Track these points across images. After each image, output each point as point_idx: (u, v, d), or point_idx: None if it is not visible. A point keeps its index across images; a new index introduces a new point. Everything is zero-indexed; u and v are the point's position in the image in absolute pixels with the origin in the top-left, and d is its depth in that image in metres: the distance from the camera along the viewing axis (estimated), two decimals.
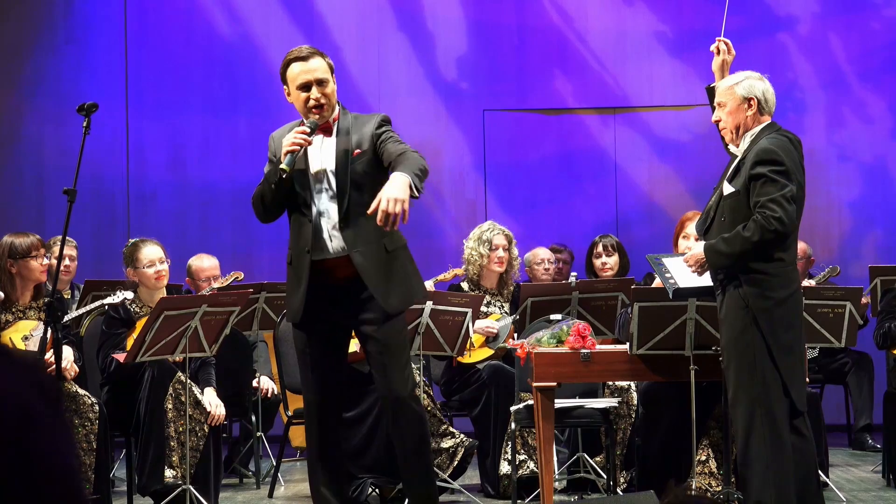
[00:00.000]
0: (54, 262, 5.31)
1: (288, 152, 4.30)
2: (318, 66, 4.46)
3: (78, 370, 5.50)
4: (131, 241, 6.04)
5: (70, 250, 7.07)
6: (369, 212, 4.06)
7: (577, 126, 9.55)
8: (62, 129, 9.32)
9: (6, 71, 9.52)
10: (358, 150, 4.42)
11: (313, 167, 4.45)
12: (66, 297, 6.86)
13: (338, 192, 4.40)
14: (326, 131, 4.48)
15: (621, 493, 5.81)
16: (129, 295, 5.72)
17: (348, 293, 4.44)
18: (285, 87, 4.54)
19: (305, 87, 4.44)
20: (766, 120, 4.42)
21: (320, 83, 4.44)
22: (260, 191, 4.49)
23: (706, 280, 4.60)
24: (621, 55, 9.57)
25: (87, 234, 8.98)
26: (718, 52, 4.87)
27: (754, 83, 4.42)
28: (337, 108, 4.52)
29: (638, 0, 9.57)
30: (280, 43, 9.59)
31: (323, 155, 4.46)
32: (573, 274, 6.37)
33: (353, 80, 9.38)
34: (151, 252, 5.82)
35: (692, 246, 4.75)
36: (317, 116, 4.42)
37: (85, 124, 4.81)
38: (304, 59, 4.48)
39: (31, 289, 5.56)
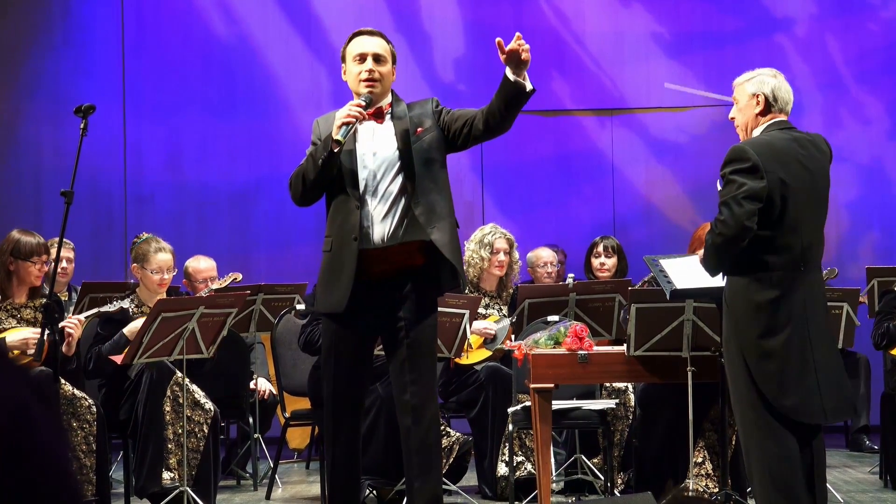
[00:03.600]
0: (52, 263, 5.32)
1: (343, 124, 4.19)
2: (378, 43, 4.40)
3: (82, 322, 5.46)
4: (146, 235, 6.02)
5: (67, 252, 7.06)
6: (506, 46, 4.09)
7: (575, 127, 9.56)
8: (59, 130, 9.32)
9: (3, 73, 9.51)
10: (420, 129, 4.35)
11: (361, 151, 4.34)
12: (63, 298, 6.85)
13: (406, 173, 4.30)
14: (378, 117, 4.39)
15: (619, 495, 5.81)
16: (126, 304, 5.73)
17: (382, 290, 4.32)
18: (343, 65, 4.44)
19: (361, 58, 4.36)
20: (776, 117, 4.29)
21: (377, 59, 4.36)
22: (302, 169, 4.34)
23: (703, 281, 4.58)
24: (618, 57, 9.57)
25: (84, 235, 8.97)
26: None
27: (765, 80, 4.34)
28: (390, 95, 4.44)
29: (635, 2, 9.57)
30: (277, 44, 9.60)
31: (377, 142, 4.35)
32: (570, 275, 6.36)
33: None
34: (162, 259, 5.84)
35: None
36: (368, 91, 4.32)
37: (82, 126, 4.81)
38: (366, 34, 4.43)
39: (27, 290, 5.56)
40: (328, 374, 4.42)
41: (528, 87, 4.18)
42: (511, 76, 4.18)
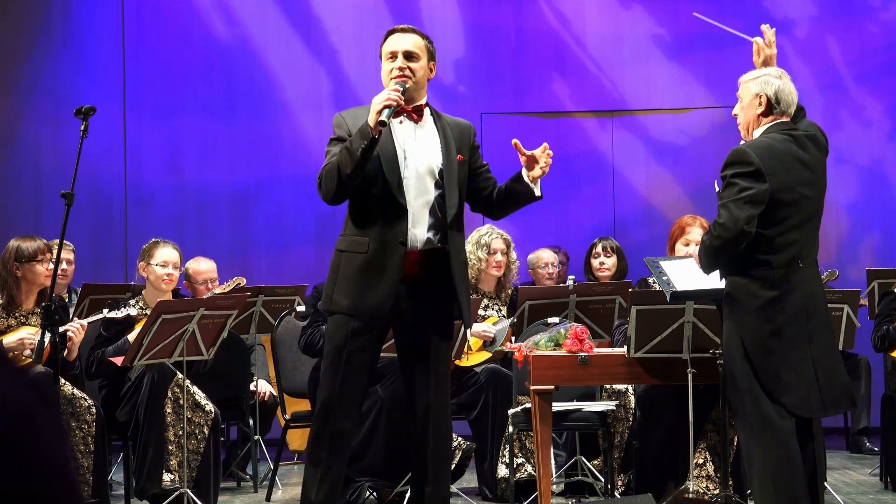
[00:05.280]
0: (52, 265, 5.32)
1: (385, 106, 4.09)
2: (410, 40, 4.34)
3: (84, 327, 5.45)
4: (154, 239, 6.08)
5: (67, 254, 7.06)
6: (529, 150, 4.31)
7: (575, 129, 9.56)
8: (60, 132, 9.32)
9: (4, 74, 9.51)
10: (461, 157, 4.37)
11: (401, 150, 4.27)
12: (63, 298, 6.85)
13: (448, 190, 4.29)
14: (418, 113, 4.35)
15: (619, 497, 5.81)
16: (133, 311, 5.73)
17: (411, 294, 4.25)
18: (381, 64, 4.40)
19: (392, 56, 4.32)
20: (777, 119, 4.28)
21: (408, 56, 4.31)
22: (334, 164, 4.16)
23: (704, 283, 4.59)
24: (619, 58, 9.57)
25: (84, 237, 8.98)
26: (759, 53, 4.74)
27: (769, 80, 4.32)
28: (426, 96, 4.40)
29: (635, 3, 9.57)
30: (277, 46, 9.60)
31: (419, 143, 4.31)
32: (570, 277, 6.37)
33: (351, 83, 9.38)
34: (167, 254, 5.89)
35: (692, 251, 4.74)
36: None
37: (83, 127, 4.80)
38: (399, 31, 4.40)
39: (36, 294, 5.56)
40: (333, 371, 4.26)
41: (537, 192, 4.29)
42: (526, 177, 4.31)
